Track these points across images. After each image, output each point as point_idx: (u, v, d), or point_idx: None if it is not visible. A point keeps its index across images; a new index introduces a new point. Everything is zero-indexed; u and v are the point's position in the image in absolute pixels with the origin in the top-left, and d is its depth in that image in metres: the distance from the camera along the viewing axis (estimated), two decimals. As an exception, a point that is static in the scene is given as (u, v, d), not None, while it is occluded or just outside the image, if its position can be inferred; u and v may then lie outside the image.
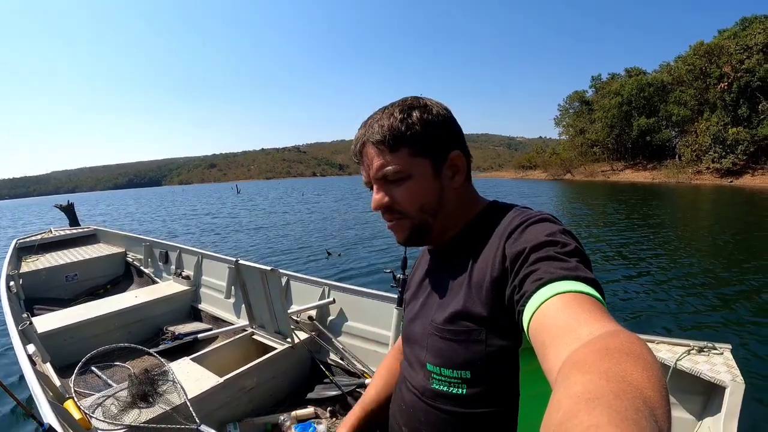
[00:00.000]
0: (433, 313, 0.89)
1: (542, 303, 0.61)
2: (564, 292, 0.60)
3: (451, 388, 0.82)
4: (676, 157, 44.62)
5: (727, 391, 1.52)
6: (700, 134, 39.95)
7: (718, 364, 1.66)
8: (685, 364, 1.68)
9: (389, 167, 0.85)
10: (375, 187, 0.89)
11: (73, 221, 10.70)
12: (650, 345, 1.86)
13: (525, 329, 0.64)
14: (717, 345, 1.78)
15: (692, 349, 1.77)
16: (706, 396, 1.67)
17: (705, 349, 1.77)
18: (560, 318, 0.56)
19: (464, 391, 0.81)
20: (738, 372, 1.59)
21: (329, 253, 9.46)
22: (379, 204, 0.89)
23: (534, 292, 0.64)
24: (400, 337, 1.17)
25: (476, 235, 0.88)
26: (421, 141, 0.86)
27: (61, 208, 11.40)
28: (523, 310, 0.65)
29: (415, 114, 0.86)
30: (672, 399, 1.71)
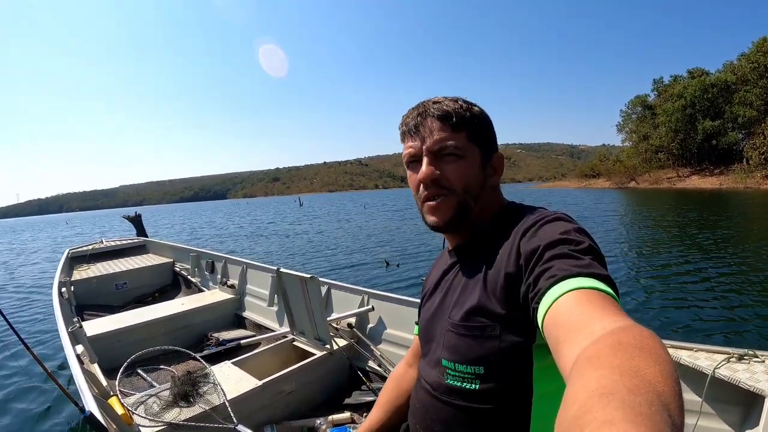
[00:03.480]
0: (449, 310, 0.90)
1: (556, 299, 0.62)
2: (578, 289, 0.61)
3: (465, 384, 0.83)
4: (744, 160, 42.15)
5: (767, 401, 1.44)
6: (767, 135, 37.65)
7: (758, 373, 1.57)
8: (724, 373, 1.60)
9: (450, 141, 0.89)
10: (426, 159, 0.90)
11: (140, 231, 10.93)
12: (689, 352, 1.80)
13: (539, 326, 0.64)
14: (758, 353, 1.69)
15: (732, 357, 1.69)
16: (746, 406, 1.58)
17: (745, 357, 1.68)
18: (574, 314, 0.57)
19: (477, 386, 0.82)
20: None
21: (388, 263, 9.44)
22: (430, 175, 0.89)
23: (548, 289, 0.65)
24: (410, 347, 1.21)
25: (494, 233, 0.90)
26: (478, 132, 0.92)
27: (129, 219, 11.69)
28: (537, 307, 0.66)
29: (476, 108, 0.93)
30: (710, 409, 1.63)
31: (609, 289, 0.62)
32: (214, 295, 4.41)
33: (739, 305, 5.55)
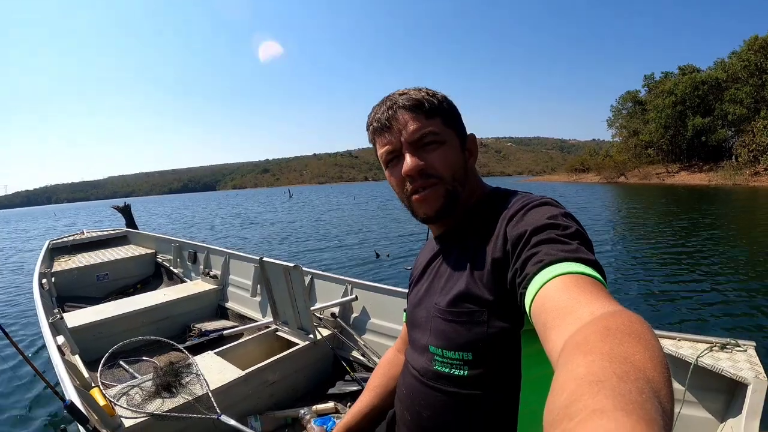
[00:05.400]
0: (436, 296, 0.90)
1: (543, 284, 0.62)
2: (565, 274, 0.61)
3: (453, 370, 0.83)
4: (733, 158, 42.48)
5: (749, 389, 1.45)
6: (756, 134, 37.97)
7: (740, 362, 1.59)
8: (707, 361, 1.62)
9: (429, 128, 0.87)
10: (408, 153, 0.88)
11: (130, 222, 10.76)
12: (672, 341, 1.81)
13: (527, 311, 0.64)
14: (740, 342, 1.71)
15: (714, 346, 1.71)
16: (728, 395, 1.60)
17: (728, 346, 1.70)
18: (561, 299, 0.57)
19: (466, 372, 0.81)
20: (761, 369, 1.52)
21: (378, 255, 9.43)
22: (415, 167, 0.87)
23: (535, 274, 0.64)
24: (400, 334, 1.21)
25: (480, 220, 0.89)
26: (450, 116, 0.92)
27: (119, 209, 11.51)
28: (524, 293, 0.65)
29: (440, 94, 0.93)
30: (693, 398, 1.65)
31: (597, 274, 0.61)
32: (197, 285, 4.39)
33: (715, 294, 5.68)
